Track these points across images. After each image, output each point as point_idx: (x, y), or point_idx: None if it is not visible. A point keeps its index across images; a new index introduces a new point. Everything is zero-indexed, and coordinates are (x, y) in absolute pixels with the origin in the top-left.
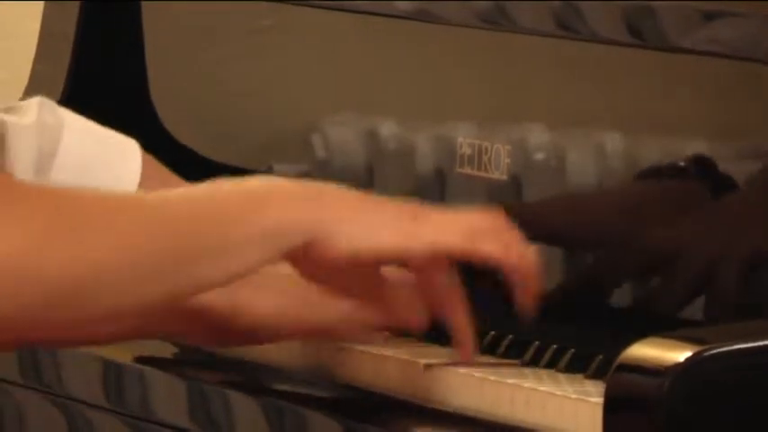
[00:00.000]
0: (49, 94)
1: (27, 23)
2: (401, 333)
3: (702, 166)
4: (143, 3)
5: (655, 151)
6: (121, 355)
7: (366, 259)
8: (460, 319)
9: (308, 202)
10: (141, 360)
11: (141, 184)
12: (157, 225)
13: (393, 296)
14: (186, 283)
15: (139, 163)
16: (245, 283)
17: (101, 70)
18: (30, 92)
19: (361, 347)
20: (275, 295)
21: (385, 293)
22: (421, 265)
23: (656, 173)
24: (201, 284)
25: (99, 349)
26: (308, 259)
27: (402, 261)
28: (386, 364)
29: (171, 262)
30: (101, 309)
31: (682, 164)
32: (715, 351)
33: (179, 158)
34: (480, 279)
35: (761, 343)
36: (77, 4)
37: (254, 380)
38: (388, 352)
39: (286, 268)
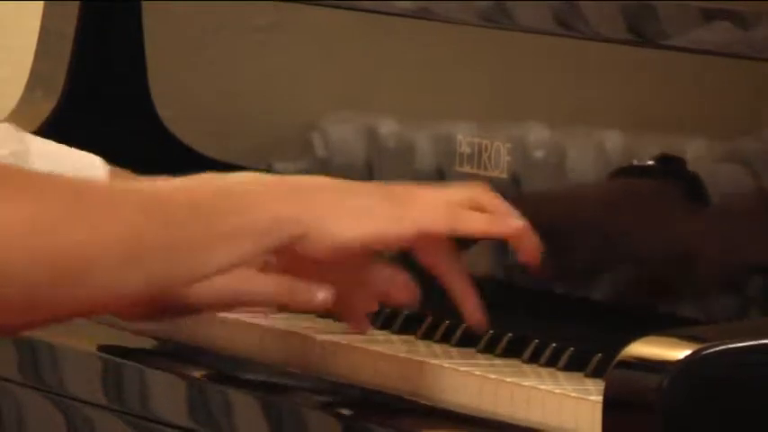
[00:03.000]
0: (48, 93)
1: (27, 22)
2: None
3: (672, 165)
4: (143, 2)
5: (654, 149)
6: (121, 353)
7: (352, 250)
8: (463, 288)
9: (293, 198)
10: (140, 359)
11: None
12: (158, 214)
13: (379, 276)
14: (179, 271)
15: (106, 179)
16: None
17: (100, 69)
18: (29, 91)
19: (359, 344)
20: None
21: (371, 275)
22: (409, 246)
23: (627, 172)
24: (195, 274)
25: (99, 348)
26: (294, 254)
27: (388, 247)
28: (385, 362)
29: (167, 250)
30: (103, 290)
31: (651, 162)
32: (714, 349)
33: (179, 157)
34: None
35: (759, 341)
36: (77, 3)
37: (253, 378)
38: (387, 350)
39: None
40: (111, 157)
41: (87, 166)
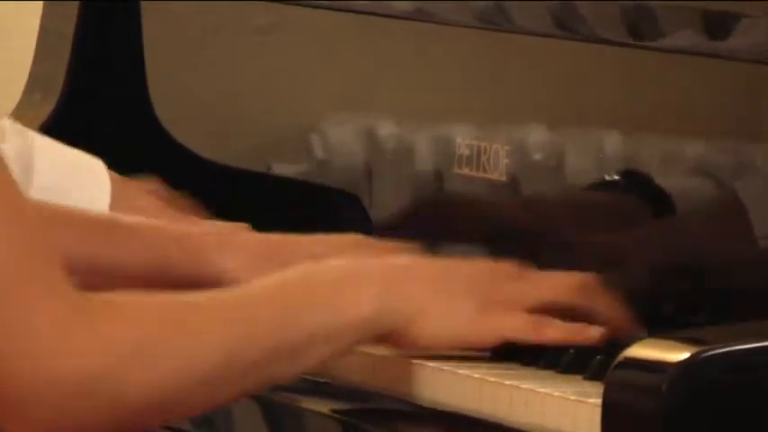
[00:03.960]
0: (47, 95)
1: (26, 23)
2: None
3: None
4: (142, 3)
5: (653, 151)
6: None
7: (440, 348)
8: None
9: (388, 293)
10: None
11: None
12: (253, 323)
13: None
14: (275, 376)
15: (108, 183)
16: None
17: (99, 71)
18: (28, 93)
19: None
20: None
21: None
22: None
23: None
24: (291, 376)
25: None
26: (393, 344)
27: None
28: (382, 365)
29: (267, 358)
30: (202, 404)
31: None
32: (713, 352)
33: (177, 158)
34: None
35: (759, 344)
36: (76, 3)
37: None
38: (385, 352)
39: None
40: (110, 159)
41: (89, 166)
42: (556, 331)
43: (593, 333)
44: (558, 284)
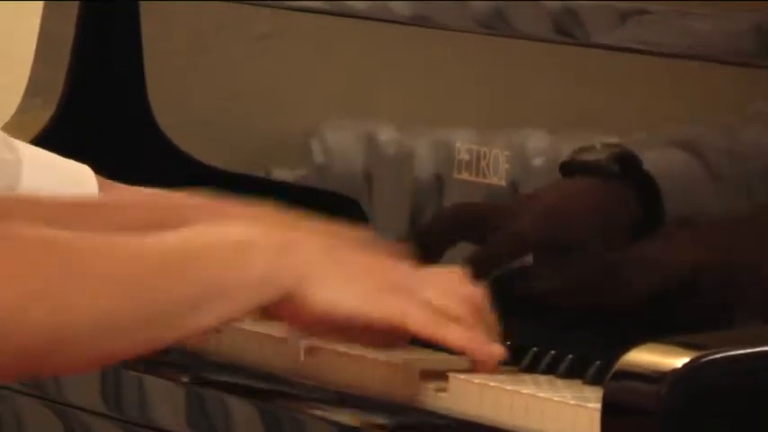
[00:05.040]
0: (47, 101)
1: (26, 25)
2: None
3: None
4: (142, 8)
5: (653, 155)
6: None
7: (335, 319)
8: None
9: (287, 255)
10: (139, 366)
11: None
12: (150, 273)
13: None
14: (167, 331)
15: (96, 189)
16: None
17: (99, 78)
18: (28, 98)
19: (357, 352)
20: None
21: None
22: None
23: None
24: (190, 329)
25: None
26: (284, 312)
27: (370, 325)
28: (383, 370)
29: (147, 313)
30: (93, 352)
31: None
32: (712, 357)
33: (177, 163)
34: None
35: (758, 349)
36: (75, 4)
37: (251, 385)
38: (386, 357)
39: None
40: (110, 165)
41: (77, 176)
42: (455, 334)
43: (493, 350)
44: (452, 291)
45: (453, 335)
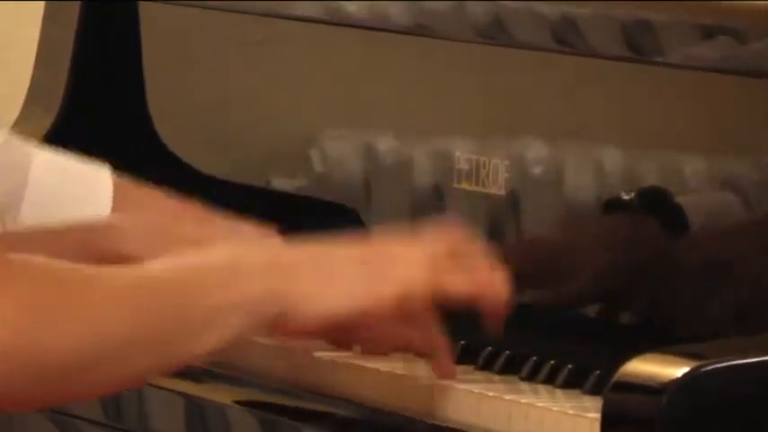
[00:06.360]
0: (47, 109)
1: (26, 29)
2: None
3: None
4: (140, 6)
5: (652, 166)
6: None
7: (335, 322)
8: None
9: (272, 273)
10: None
11: (115, 212)
12: (146, 302)
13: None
14: (166, 359)
15: (110, 192)
16: None
17: (99, 85)
18: (28, 105)
19: (356, 362)
20: None
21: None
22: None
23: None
24: (181, 357)
25: None
26: (284, 328)
27: (376, 312)
28: (382, 380)
29: (150, 338)
30: (87, 385)
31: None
32: (712, 367)
33: (176, 173)
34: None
35: (758, 359)
36: (76, 5)
37: (251, 395)
38: (386, 367)
39: None
40: None
41: (90, 179)
42: (459, 283)
43: (495, 285)
44: (439, 244)
45: (455, 280)
